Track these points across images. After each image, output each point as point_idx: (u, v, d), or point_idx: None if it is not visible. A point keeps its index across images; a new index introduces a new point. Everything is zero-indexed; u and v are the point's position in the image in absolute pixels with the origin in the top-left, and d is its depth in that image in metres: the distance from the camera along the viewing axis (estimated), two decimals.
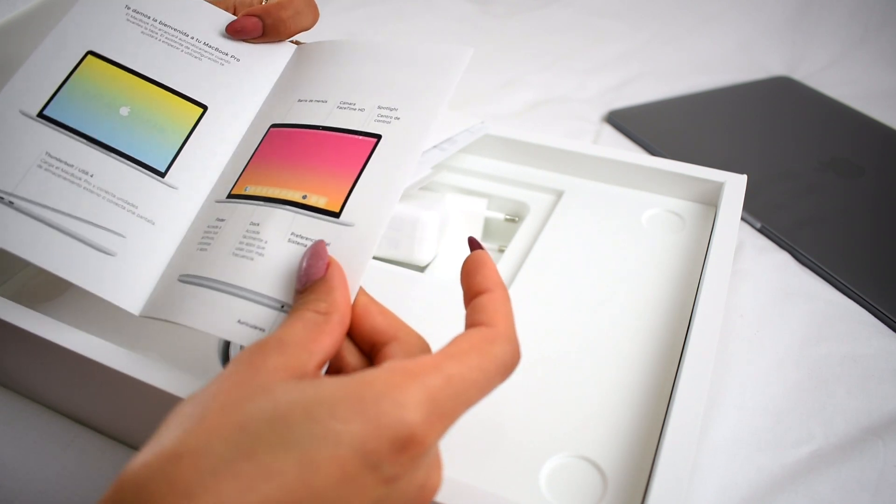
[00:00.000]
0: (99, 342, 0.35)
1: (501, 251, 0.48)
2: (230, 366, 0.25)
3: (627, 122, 0.77)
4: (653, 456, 0.32)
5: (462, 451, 0.33)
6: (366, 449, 0.21)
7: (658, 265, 0.45)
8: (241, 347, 0.39)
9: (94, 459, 0.39)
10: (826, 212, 0.62)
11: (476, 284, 0.28)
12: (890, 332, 0.50)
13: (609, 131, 0.77)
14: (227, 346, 0.41)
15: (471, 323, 0.27)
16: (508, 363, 0.26)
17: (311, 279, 0.29)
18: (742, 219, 0.61)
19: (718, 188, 0.49)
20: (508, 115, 0.80)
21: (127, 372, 0.33)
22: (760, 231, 0.60)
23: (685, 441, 0.31)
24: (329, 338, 0.26)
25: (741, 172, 0.50)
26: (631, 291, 0.42)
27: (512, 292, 0.42)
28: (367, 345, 0.28)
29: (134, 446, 0.39)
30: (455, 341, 0.25)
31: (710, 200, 0.50)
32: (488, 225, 0.53)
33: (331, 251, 0.30)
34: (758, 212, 0.61)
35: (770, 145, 0.73)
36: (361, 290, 0.29)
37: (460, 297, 0.29)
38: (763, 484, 0.39)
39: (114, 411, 0.39)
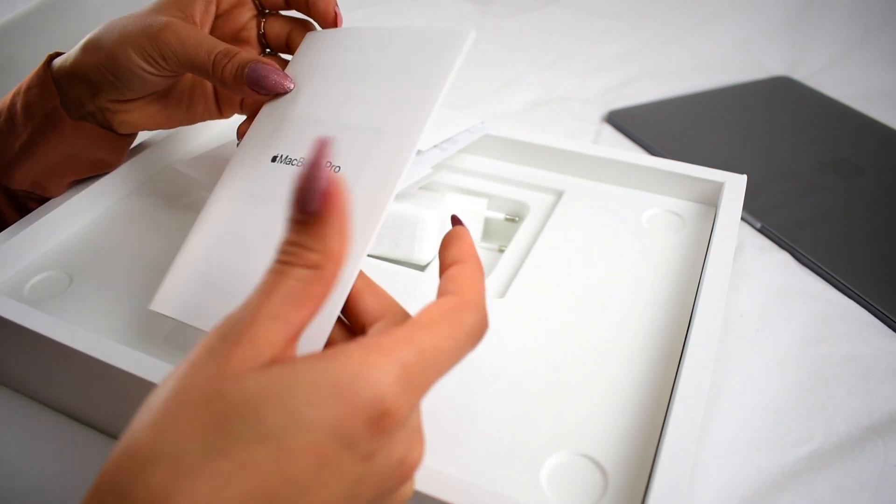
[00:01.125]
0: (100, 339, 0.35)
1: (501, 251, 0.48)
2: (201, 351, 0.23)
3: (627, 122, 0.77)
4: (653, 454, 0.33)
5: (463, 449, 0.33)
6: (341, 431, 0.21)
7: (658, 265, 0.45)
8: None
9: (94, 458, 0.39)
10: (826, 212, 0.62)
11: (450, 256, 0.28)
12: (890, 332, 0.50)
13: (609, 131, 0.77)
14: None
15: (441, 292, 0.27)
16: (477, 331, 0.26)
17: (305, 209, 0.23)
18: (742, 219, 0.61)
19: (718, 188, 0.49)
20: (508, 115, 0.80)
21: (128, 369, 0.33)
22: (760, 231, 0.60)
23: (685, 439, 0.31)
24: (313, 303, 0.23)
25: (741, 172, 0.50)
26: (631, 291, 0.42)
27: (512, 292, 0.42)
28: (357, 326, 0.29)
29: None
30: (425, 310, 0.25)
31: (710, 200, 0.50)
32: (488, 225, 0.53)
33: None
34: (758, 212, 0.61)
35: (770, 145, 0.73)
36: (360, 272, 0.28)
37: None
38: (763, 483, 0.39)
39: (114, 409, 0.39)
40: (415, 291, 0.43)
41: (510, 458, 0.32)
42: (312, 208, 0.23)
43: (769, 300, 0.52)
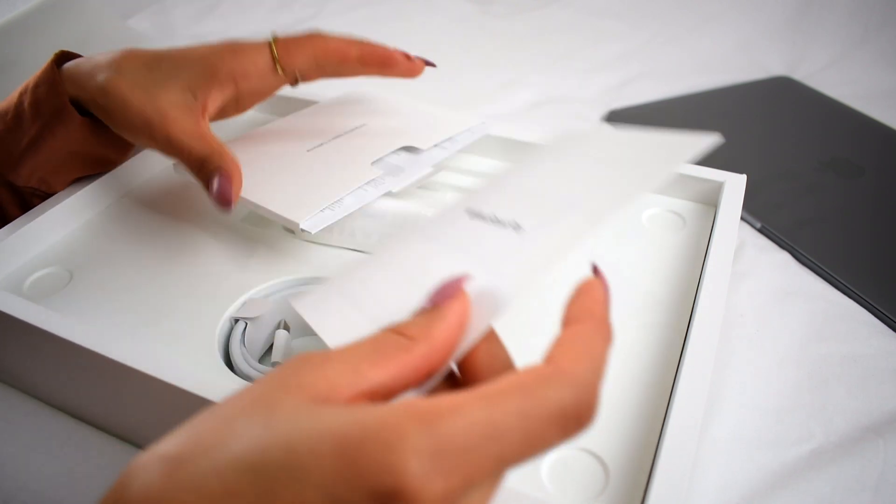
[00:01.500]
0: (100, 334, 0.35)
1: None
2: (273, 371, 0.22)
3: (627, 122, 0.77)
4: (654, 451, 0.33)
5: None
6: (335, 494, 0.18)
7: (658, 265, 0.45)
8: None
9: (94, 456, 0.39)
10: (826, 212, 0.62)
11: (571, 314, 0.23)
12: (890, 332, 0.50)
13: None
14: (227, 341, 0.41)
15: (543, 360, 0.22)
16: (569, 412, 0.20)
17: (431, 300, 0.24)
18: (742, 219, 0.61)
19: (718, 188, 0.49)
20: (508, 115, 0.80)
21: (128, 364, 0.33)
22: (760, 231, 0.60)
23: (686, 436, 0.31)
24: (394, 369, 0.21)
25: (741, 172, 0.50)
26: (631, 290, 0.42)
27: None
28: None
29: (134, 442, 0.39)
30: (499, 379, 0.20)
31: (710, 200, 0.50)
32: None
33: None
34: (758, 212, 0.61)
35: (770, 145, 0.73)
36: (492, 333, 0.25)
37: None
38: (763, 481, 0.39)
39: (114, 406, 0.39)
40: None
41: None
42: (434, 301, 0.24)
43: (769, 300, 0.52)
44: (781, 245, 0.58)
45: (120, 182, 0.52)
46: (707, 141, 0.32)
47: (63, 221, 0.48)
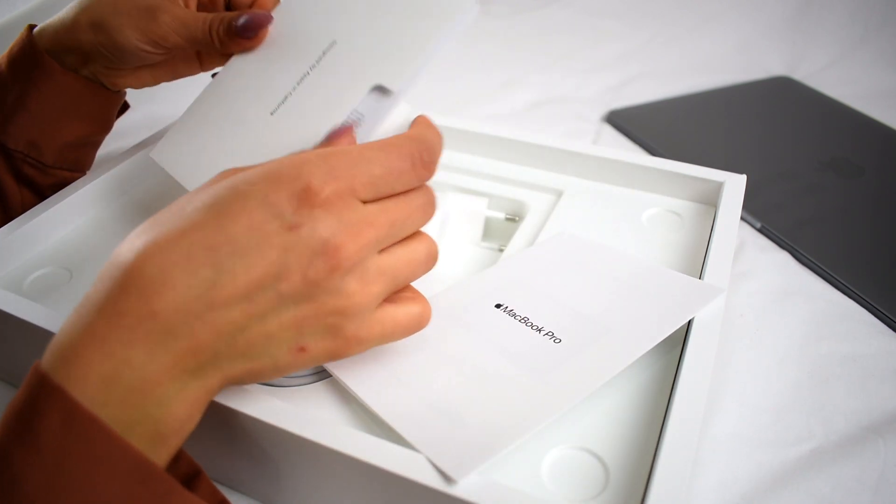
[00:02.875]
0: None
1: (501, 251, 0.48)
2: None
3: (627, 122, 0.77)
4: (654, 450, 0.33)
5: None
6: (269, 200, 0.26)
7: (659, 263, 0.45)
8: None
9: None
10: (826, 212, 0.62)
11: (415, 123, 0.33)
12: (890, 332, 0.50)
13: (609, 131, 0.77)
14: None
15: None
16: (416, 155, 0.30)
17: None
18: (742, 219, 0.61)
19: (718, 188, 0.49)
20: (508, 115, 0.80)
21: None
22: (760, 231, 0.60)
23: (686, 435, 0.31)
24: None
25: (741, 172, 0.50)
26: None
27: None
28: None
29: None
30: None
31: (710, 200, 0.50)
32: (488, 224, 0.53)
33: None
34: (758, 212, 0.61)
35: (770, 145, 0.73)
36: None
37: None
38: (764, 480, 0.39)
39: None
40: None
41: (512, 450, 0.32)
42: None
43: (769, 300, 0.52)
44: (781, 245, 0.58)
45: (119, 181, 0.52)
46: (716, 293, 0.39)
47: (63, 221, 0.48)
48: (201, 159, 0.44)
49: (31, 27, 0.47)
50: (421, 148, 0.30)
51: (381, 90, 0.41)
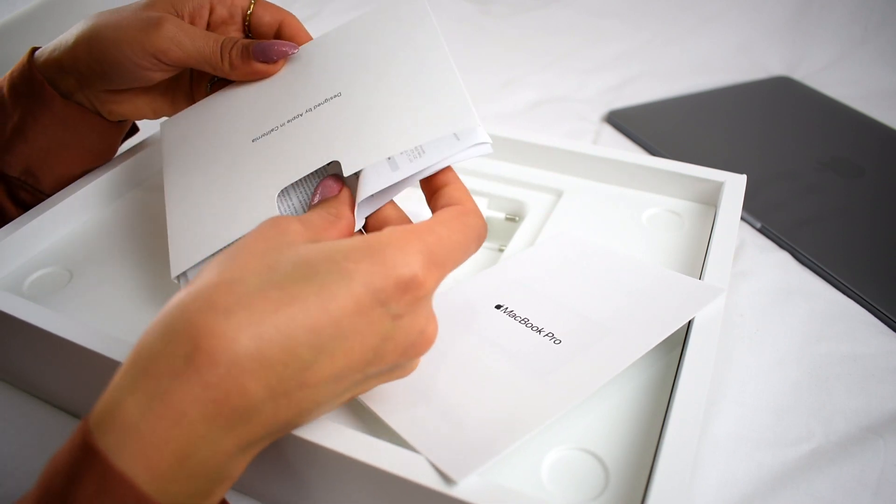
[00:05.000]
0: (101, 333, 0.35)
1: (501, 251, 0.48)
2: (256, 229, 0.29)
3: (627, 122, 0.77)
4: (654, 450, 0.33)
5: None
6: (375, 287, 0.26)
7: (658, 264, 0.45)
8: None
9: None
10: (826, 212, 0.62)
11: (435, 182, 0.34)
12: (890, 332, 0.50)
13: (609, 131, 0.77)
14: None
15: (441, 205, 0.32)
16: (480, 231, 0.31)
17: (325, 196, 0.35)
18: (742, 219, 0.61)
19: (718, 188, 0.49)
20: (508, 115, 0.80)
21: None
22: (760, 231, 0.60)
23: (686, 436, 0.31)
24: (337, 233, 0.32)
25: (741, 172, 0.50)
26: None
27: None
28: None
29: None
30: (437, 214, 0.31)
31: (710, 200, 0.50)
32: (488, 224, 0.53)
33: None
34: (758, 212, 0.61)
35: (770, 145, 0.73)
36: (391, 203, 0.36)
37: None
38: (764, 480, 0.39)
39: None
40: None
41: (512, 451, 0.32)
42: (332, 194, 0.35)
43: (769, 300, 0.52)
44: (781, 245, 0.58)
45: (119, 181, 0.52)
46: (716, 293, 0.39)
47: (63, 221, 0.48)
48: (187, 150, 0.44)
49: (34, 50, 0.46)
50: (484, 227, 0.32)
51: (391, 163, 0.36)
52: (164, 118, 0.49)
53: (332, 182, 0.36)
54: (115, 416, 0.23)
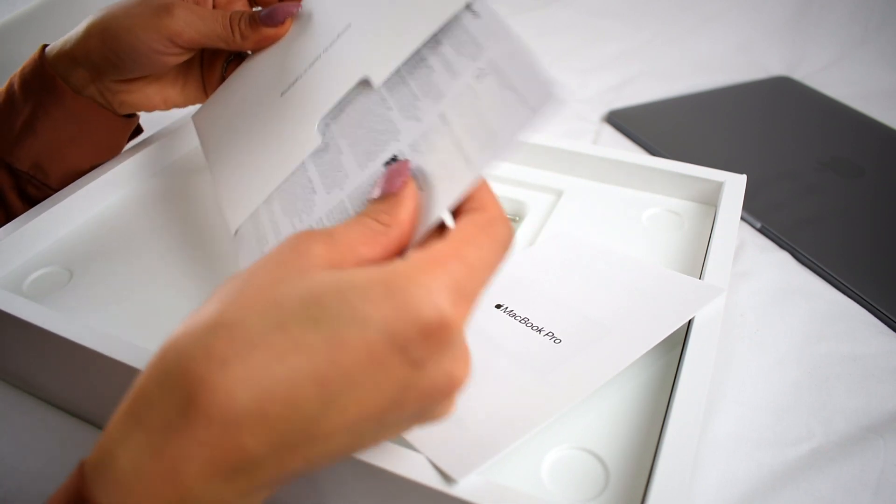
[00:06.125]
0: (101, 333, 0.35)
1: None
2: (274, 252, 0.26)
3: (627, 122, 0.77)
4: (654, 450, 0.33)
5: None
6: (393, 331, 0.22)
7: (658, 264, 0.45)
8: None
9: None
10: (826, 212, 0.62)
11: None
12: (890, 332, 0.50)
13: (609, 131, 0.77)
14: None
15: (464, 210, 0.28)
16: (508, 241, 0.27)
17: (386, 192, 0.29)
18: (742, 219, 0.61)
19: (718, 188, 0.49)
20: None
21: (129, 363, 0.33)
22: (760, 231, 0.60)
23: (686, 435, 0.31)
24: (380, 248, 0.27)
25: (741, 172, 0.50)
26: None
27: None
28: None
29: None
30: (461, 227, 0.26)
31: (710, 200, 0.50)
32: None
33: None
34: (758, 212, 0.61)
35: (770, 145, 0.73)
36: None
37: None
38: (764, 480, 0.39)
39: (114, 405, 0.39)
40: None
41: (512, 450, 0.32)
42: (393, 190, 0.28)
43: (769, 300, 0.52)
44: (781, 245, 0.58)
45: (119, 181, 0.52)
46: (716, 293, 0.39)
47: (63, 220, 0.48)
48: (225, 133, 0.45)
49: (45, 47, 0.47)
50: (512, 233, 0.28)
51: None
52: (176, 107, 0.50)
53: (401, 171, 0.30)
54: (109, 468, 0.22)
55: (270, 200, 0.37)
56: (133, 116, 0.51)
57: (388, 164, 0.32)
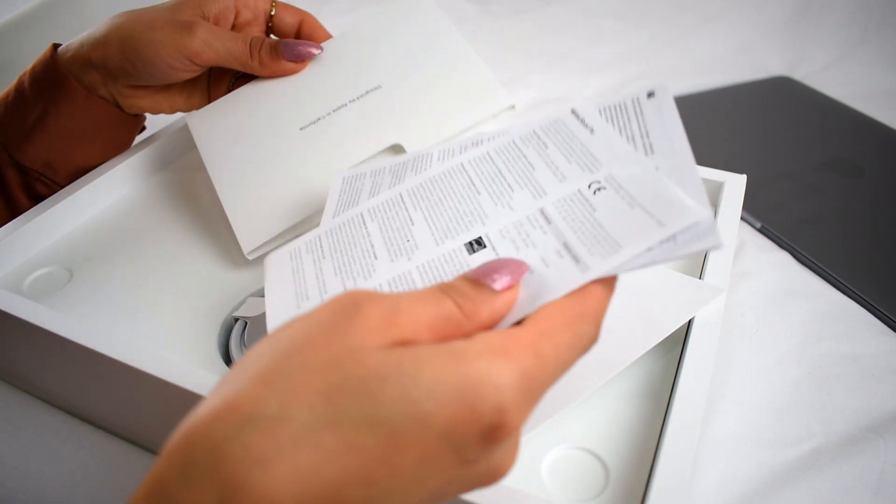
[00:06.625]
0: (101, 333, 0.35)
1: None
2: (326, 309, 0.23)
3: None
4: (654, 449, 0.33)
5: None
6: (455, 435, 0.21)
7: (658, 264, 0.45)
8: (244, 343, 0.39)
9: (94, 455, 0.39)
10: (826, 212, 0.62)
11: None
12: (890, 332, 0.50)
13: None
14: (227, 339, 0.41)
15: None
16: (590, 344, 0.25)
17: (485, 282, 0.25)
18: (742, 219, 0.61)
19: (718, 188, 0.49)
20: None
21: (129, 363, 0.33)
22: (760, 231, 0.60)
23: (686, 435, 0.31)
24: (447, 337, 0.24)
25: (741, 172, 0.50)
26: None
27: None
28: None
29: (134, 441, 0.39)
30: (547, 314, 0.24)
31: (710, 200, 0.50)
32: None
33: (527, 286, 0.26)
34: (758, 212, 0.61)
35: (770, 145, 0.73)
36: None
37: None
38: (764, 480, 0.39)
39: (114, 405, 0.39)
40: None
41: None
42: (496, 285, 0.25)
43: (769, 300, 0.52)
44: (781, 245, 0.58)
45: (119, 181, 0.52)
46: (716, 293, 0.39)
47: (63, 220, 0.48)
48: (225, 140, 0.47)
49: (55, 46, 0.47)
50: (597, 336, 0.25)
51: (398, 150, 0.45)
52: (180, 112, 0.52)
53: (514, 270, 0.26)
54: None
55: (314, 250, 0.35)
56: (140, 115, 0.52)
57: (471, 244, 0.30)
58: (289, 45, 0.46)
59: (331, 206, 0.38)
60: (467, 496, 0.28)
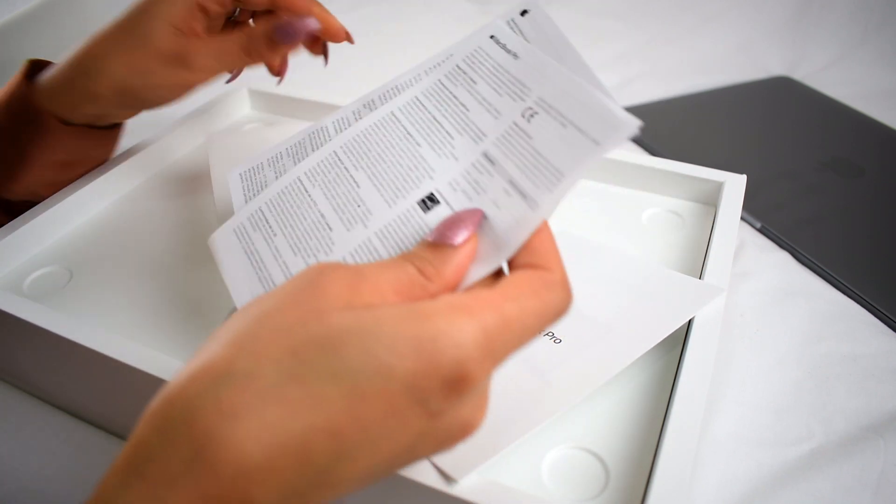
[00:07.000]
0: (100, 333, 0.35)
1: None
2: (293, 281, 0.24)
3: None
4: (654, 449, 0.33)
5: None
6: (416, 385, 0.22)
7: (658, 264, 0.45)
8: None
9: (94, 455, 0.39)
10: (826, 212, 0.62)
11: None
12: (890, 332, 0.50)
13: None
14: None
15: (523, 264, 0.26)
16: (561, 310, 0.25)
17: (442, 241, 0.26)
18: (742, 219, 0.61)
19: (718, 188, 0.49)
20: None
21: (129, 363, 0.33)
22: (760, 231, 0.60)
23: (686, 435, 0.31)
24: (412, 299, 0.25)
25: (741, 172, 0.50)
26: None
27: None
28: None
29: None
30: (513, 281, 0.25)
31: (710, 200, 0.51)
32: None
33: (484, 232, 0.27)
34: (758, 212, 0.61)
35: (770, 145, 0.73)
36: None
37: None
38: (764, 480, 0.39)
39: (114, 405, 0.39)
40: None
41: (511, 449, 0.32)
42: (453, 241, 0.26)
43: (769, 300, 0.52)
44: (781, 245, 0.58)
45: (119, 181, 0.52)
46: (716, 293, 0.39)
47: (63, 220, 0.48)
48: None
49: (27, 72, 0.45)
50: (567, 302, 0.26)
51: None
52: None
53: (468, 221, 0.27)
54: None
55: (262, 227, 0.33)
56: (121, 124, 0.51)
57: (423, 202, 0.30)
58: (282, 31, 0.42)
59: (238, 201, 0.36)
60: (466, 495, 0.28)
